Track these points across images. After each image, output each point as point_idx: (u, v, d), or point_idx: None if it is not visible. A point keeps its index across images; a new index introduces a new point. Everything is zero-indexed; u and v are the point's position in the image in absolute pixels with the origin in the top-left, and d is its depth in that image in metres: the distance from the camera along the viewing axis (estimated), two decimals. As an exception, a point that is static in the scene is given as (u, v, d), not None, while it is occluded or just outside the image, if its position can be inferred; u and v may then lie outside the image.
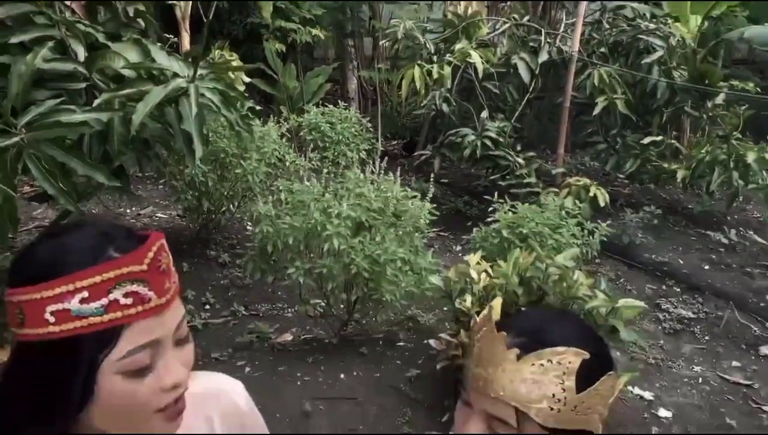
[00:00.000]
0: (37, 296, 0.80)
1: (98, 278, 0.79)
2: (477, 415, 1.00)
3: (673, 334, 3.72)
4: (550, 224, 3.27)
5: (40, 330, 0.80)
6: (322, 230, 2.79)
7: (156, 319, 0.84)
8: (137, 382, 0.83)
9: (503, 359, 0.95)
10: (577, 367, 0.97)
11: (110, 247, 0.83)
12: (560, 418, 0.96)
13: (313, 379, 2.81)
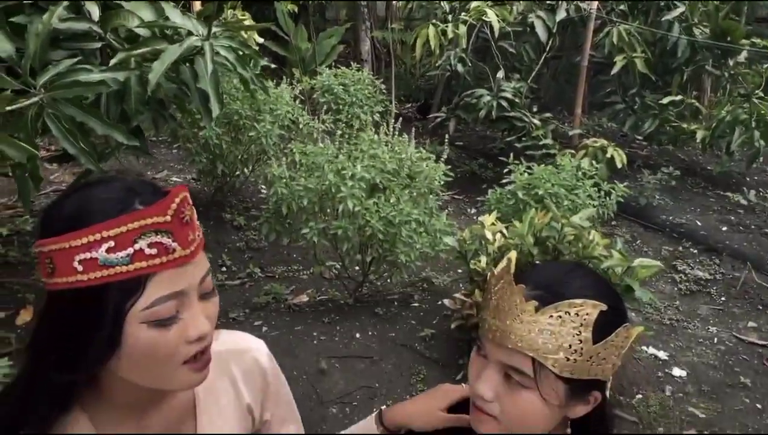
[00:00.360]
0: (65, 246, 0.82)
1: (124, 228, 0.81)
2: (493, 366, 1.01)
3: (689, 295, 3.71)
4: (566, 185, 3.24)
5: (69, 278, 0.82)
6: (336, 192, 2.79)
7: (180, 270, 0.85)
8: (162, 333, 0.84)
9: (521, 311, 0.96)
10: (594, 319, 0.98)
11: (136, 200, 0.84)
12: (576, 368, 0.97)
13: (329, 338, 2.85)
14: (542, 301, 0.97)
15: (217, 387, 1.09)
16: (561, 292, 0.99)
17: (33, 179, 2.02)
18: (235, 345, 1.13)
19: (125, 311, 0.82)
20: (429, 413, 1.22)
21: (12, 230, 3.42)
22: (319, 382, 2.53)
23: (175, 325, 0.86)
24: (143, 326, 0.83)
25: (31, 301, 2.86)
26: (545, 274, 1.03)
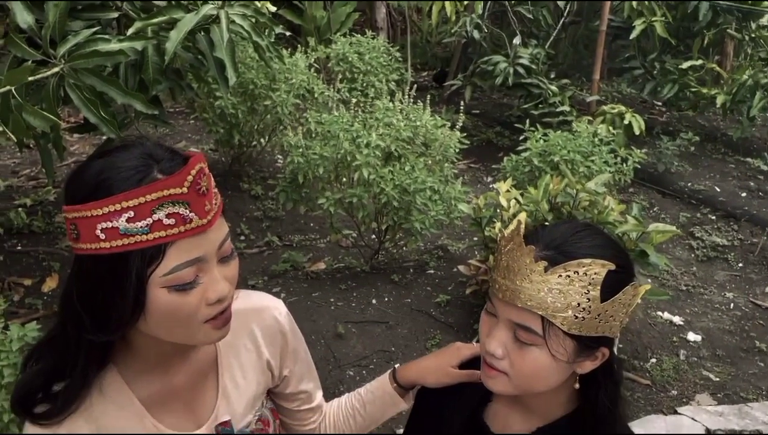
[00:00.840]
0: (88, 214, 0.85)
1: (142, 199, 0.84)
2: (503, 324, 1.04)
3: (706, 261, 3.70)
4: (582, 152, 3.23)
5: (93, 245, 0.86)
6: (351, 160, 2.81)
7: (198, 238, 0.88)
8: (183, 296, 0.88)
9: (531, 271, 0.99)
10: (602, 278, 1.00)
11: (155, 168, 0.87)
12: (584, 325, 0.99)
13: (346, 304, 2.90)
14: (551, 262, 0.99)
15: (238, 344, 1.14)
16: (570, 251, 1.01)
17: (56, 148, 2.07)
18: (255, 304, 1.17)
19: (147, 277, 0.86)
20: (441, 370, 1.26)
21: (36, 200, 3.50)
22: (337, 346, 2.59)
23: (195, 289, 0.89)
24: (164, 291, 0.87)
25: (56, 269, 2.94)
26: (555, 235, 1.05)
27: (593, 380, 1.09)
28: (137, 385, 1.00)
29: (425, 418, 1.28)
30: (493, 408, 1.18)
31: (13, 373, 1.58)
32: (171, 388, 1.05)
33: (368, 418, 1.33)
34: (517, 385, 1.06)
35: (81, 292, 0.90)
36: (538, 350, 1.02)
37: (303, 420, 1.34)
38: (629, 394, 2.53)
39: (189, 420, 1.07)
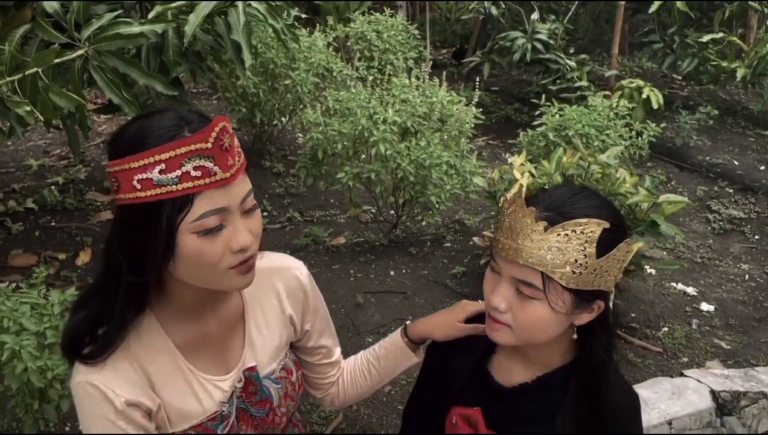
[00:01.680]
0: (126, 167, 0.98)
1: (172, 153, 0.95)
2: (505, 280, 1.12)
3: (722, 234, 3.72)
4: (597, 126, 3.26)
5: (130, 195, 0.98)
6: (369, 136, 2.89)
7: (223, 190, 0.99)
8: (209, 242, 0.99)
9: (532, 231, 1.07)
10: (598, 236, 1.07)
11: (185, 128, 0.98)
12: (580, 280, 1.08)
13: (365, 275, 3.00)
14: (551, 222, 1.07)
15: (263, 299, 1.25)
16: (568, 212, 1.09)
17: (82, 128, 2.18)
18: (279, 263, 1.29)
19: (177, 224, 0.97)
20: (448, 324, 1.35)
21: (67, 179, 3.65)
22: (356, 315, 2.70)
23: (219, 237, 1.00)
24: (193, 236, 0.98)
25: (89, 244, 3.08)
26: (554, 197, 1.12)
27: (589, 331, 1.18)
28: (172, 331, 1.12)
29: (434, 371, 1.38)
30: (496, 359, 1.28)
31: (55, 334, 1.71)
32: (203, 335, 1.16)
33: (382, 372, 1.43)
34: (520, 336, 1.15)
35: (120, 238, 1.02)
36: (539, 303, 1.10)
37: (323, 374, 1.45)
38: (640, 361, 2.60)
39: (219, 366, 1.19)
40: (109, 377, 1.05)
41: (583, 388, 1.17)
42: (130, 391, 1.07)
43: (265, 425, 1.24)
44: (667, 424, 2.14)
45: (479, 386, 1.28)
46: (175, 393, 1.13)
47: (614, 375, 1.19)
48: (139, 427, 1.08)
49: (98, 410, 1.05)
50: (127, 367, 1.07)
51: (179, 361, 1.13)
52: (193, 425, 1.15)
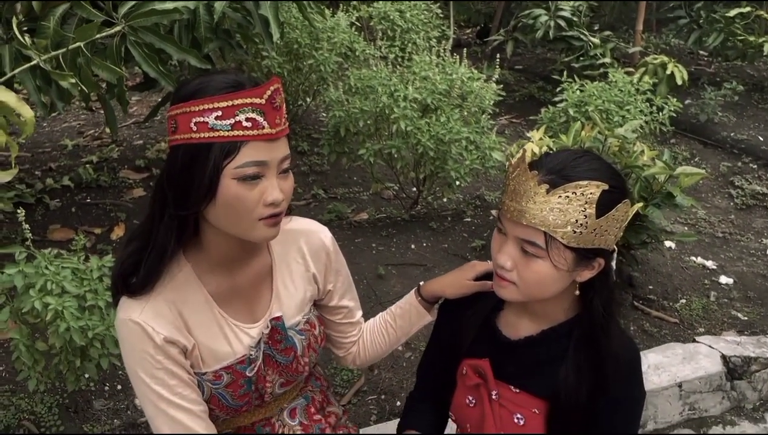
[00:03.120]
0: (186, 110, 1.10)
1: (229, 102, 1.07)
2: (511, 241, 1.20)
3: (744, 209, 3.72)
4: (617, 101, 3.28)
5: (186, 136, 1.10)
6: (389, 113, 2.96)
7: (266, 144, 1.11)
8: (246, 189, 1.11)
9: (535, 193, 1.14)
10: (598, 197, 1.14)
11: (244, 84, 1.10)
12: (581, 239, 1.15)
13: (387, 248, 3.09)
14: (552, 184, 1.13)
15: (290, 257, 1.36)
16: (569, 175, 1.15)
17: (120, 102, 2.29)
18: (306, 227, 1.40)
19: (222, 167, 1.08)
20: (458, 283, 1.43)
21: (101, 158, 3.79)
22: (378, 286, 2.79)
23: (256, 187, 1.11)
24: (233, 181, 1.10)
25: (122, 219, 3.21)
26: (556, 161, 1.19)
27: (591, 287, 1.25)
28: (207, 282, 1.24)
29: (446, 328, 1.46)
30: (504, 315, 1.35)
31: (94, 297, 1.83)
32: (234, 287, 1.28)
33: (399, 330, 1.52)
34: (525, 292, 1.22)
35: (169, 175, 1.14)
36: (542, 261, 1.17)
37: (344, 333, 1.55)
38: (656, 331, 2.64)
39: (248, 315, 1.30)
40: (149, 316, 1.17)
41: (584, 341, 1.24)
42: (168, 330, 1.19)
43: (289, 372, 1.35)
44: (677, 386, 2.20)
45: (488, 340, 1.36)
46: (209, 336, 1.24)
47: (615, 328, 1.26)
48: (176, 363, 1.20)
49: (139, 345, 1.17)
50: (165, 309, 1.19)
51: (213, 308, 1.25)
52: (223, 366, 1.26)
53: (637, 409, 1.29)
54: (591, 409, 1.23)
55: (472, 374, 1.34)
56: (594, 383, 1.23)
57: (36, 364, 1.85)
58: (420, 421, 1.48)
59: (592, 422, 1.25)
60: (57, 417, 2.02)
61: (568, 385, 1.23)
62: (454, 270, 1.47)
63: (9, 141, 1.93)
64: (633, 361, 1.27)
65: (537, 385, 1.28)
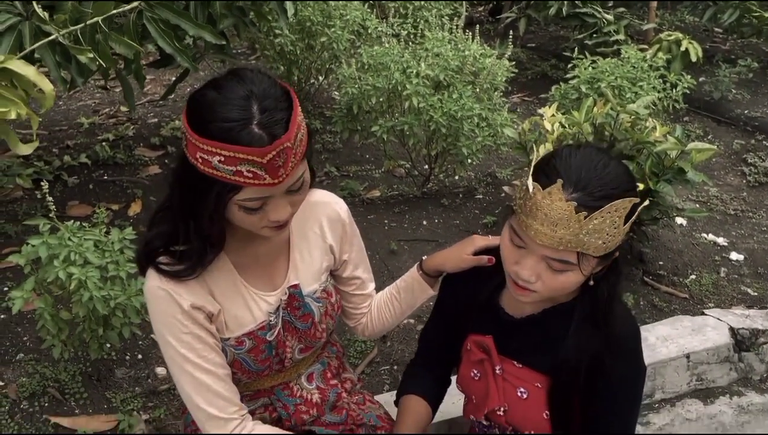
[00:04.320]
0: (192, 140, 1.11)
1: (231, 154, 1.07)
2: (535, 257, 1.17)
3: (757, 187, 3.72)
4: (630, 77, 3.28)
5: (192, 161, 1.12)
6: (402, 90, 2.98)
7: (270, 188, 1.12)
8: (249, 216, 1.16)
9: (570, 219, 1.10)
10: (629, 210, 1.14)
11: (253, 122, 1.07)
12: (609, 247, 1.15)
13: (399, 225, 3.12)
14: (587, 208, 1.10)
15: (307, 228, 1.41)
16: (600, 194, 1.11)
17: (137, 78, 2.32)
18: (323, 198, 1.45)
19: (226, 199, 1.12)
20: (458, 257, 1.46)
21: (117, 136, 3.84)
22: (390, 261, 2.83)
23: (259, 213, 1.16)
24: (236, 207, 1.14)
25: (139, 196, 3.26)
26: (579, 174, 1.13)
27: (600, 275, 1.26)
28: (229, 252, 1.30)
29: (449, 301, 1.50)
30: (507, 293, 1.38)
31: (116, 268, 1.88)
32: (254, 257, 1.33)
33: (404, 304, 1.57)
34: (546, 296, 1.23)
35: (180, 181, 1.18)
36: (571, 273, 1.17)
37: (356, 304, 1.60)
38: (666, 306, 2.67)
39: (267, 283, 1.36)
40: (176, 284, 1.22)
41: (586, 320, 1.26)
42: (194, 296, 1.24)
43: (307, 338, 1.40)
44: (685, 357, 2.23)
45: (491, 317, 1.39)
46: (231, 303, 1.30)
47: (618, 307, 1.28)
48: (202, 327, 1.25)
49: (167, 310, 1.23)
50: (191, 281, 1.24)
51: (235, 277, 1.30)
52: (245, 332, 1.32)
53: (637, 384, 1.32)
54: (592, 384, 1.27)
55: (476, 350, 1.38)
56: (594, 360, 1.25)
57: (60, 333, 1.91)
58: (419, 387, 1.52)
59: (593, 396, 1.28)
60: (80, 384, 2.09)
61: (569, 362, 1.26)
62: (455, 244, 1.50)
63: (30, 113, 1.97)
64: (633, 338, 1.30)
65: (539, 361, 1.31)
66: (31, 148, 2.05)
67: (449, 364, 1.53)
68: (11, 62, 1.75)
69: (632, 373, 1.29)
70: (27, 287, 1.84)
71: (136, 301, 1.87)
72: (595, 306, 1.25)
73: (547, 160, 1.17)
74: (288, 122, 1.09)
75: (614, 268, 1.25)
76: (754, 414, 2.21)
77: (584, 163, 1.15)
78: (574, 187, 1.11)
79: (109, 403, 2.06)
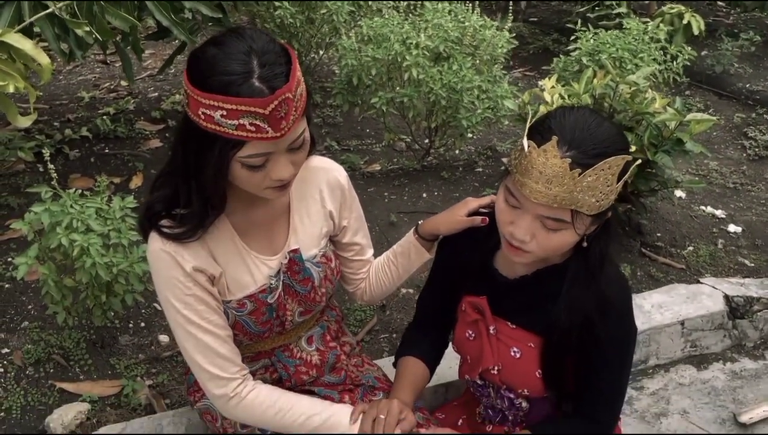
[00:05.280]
0: (193, 96, 1.11)
1: (233, 106, 1.07)
2: (530, 216, 1.19)
3: (757, 160, 3.72)
4: (631, 49, 3.26)
5: (194, 118, 1.13)
6: (402, 61, 2.97)
7: (272, 142, 1.13)
8: (252, 173, 1.17)
9: (564, 176, 1.12)
10: (621, 168, 1.16)
11: (254, 76, 1.08)
12: (602, 205, 1.17)
13: (399, 197, 3.14)
14: (581, 165, 1.12)
15: (308, 194, 1.44)
16: (594, 152, 1.13)
17: (135, 51, 2.33)
18: (323, 165, 1.47)
19: (229, 156, 1.13)
20: (452, 219, 1.48)
21: (117, 109, 3.84)
22: (390, 232, 2.86)
23: (261, 171, 1.17)
24: (239, 165, 1.15)
25: (140, 169, 3.28)
26: (573, 133, 1.14)
27: (592, 235, 1.28)
28: (230, 215, 1.32)
29: (445, 264, 1.52)
30: (501, 255, 1.40)
31: (118, 235, 1.90)
32: (255, 221, 1.36)
33: (400, 268, 1.59)
34: (541, 256, 1.25)
35: (184, 142, 1.19)
36: (565, 231, 1.19)
37: (355, 269, 1.62)
38: (662, 276, 2.69)
39: (267, 247, 1.38)
40: (179, 247, 1.25)
41: (578, 281, 1.28)
42: (196, 259, 1.26)
43: (307, 301, 1.43)
44: (679, 324, 2.26)
45: (485, 279, 1.41)
46: (233, 266, 1.32)
47: (609, 268, 1.30)
48: (204, 289, 1.28)
49: (170, 272, 1.25)
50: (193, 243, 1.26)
51: (236, 241, 1.33)
52: (246, 295, 1.35)
53: (627, 344, 1.35)
54: (583, 345, 1.29)
55: (471, 311, 1.40)
56: (586, 320, 1.28)
57: (64, 299, 1.94)
58: (417, 349, 1.55)
59: (584, 356, 1.31)
60: (84, 351, 2.13)
61: (561, 323, 1.28)
62: (450, 207, 1.52)
63: (28, 87, 1.98)
64: (624, 300, 1.32)
65: (532, 321, 1.34)
66: (29, 120, 2.06)
67: (446, 327, 1.56)
68: (9, 36, 1.76)
69: (622, 333, 1.32)
70: (31, 254, 1.86)
71: (139, 268, 1.90)
72: (587, 266, 1.27)
73: (542, 121, 1.19)
74: (288, 75, 1.10)
75: (606, 229, 1.27)
76: (747, 379, 2.24)
77: (578, 122, 1.16)
78: (568, 146, 1.13)
79: (113, 370, 2.09)
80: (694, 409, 2.13)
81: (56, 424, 1.84)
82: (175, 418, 1.84)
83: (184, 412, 1.86)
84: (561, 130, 1.15)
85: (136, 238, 1.91)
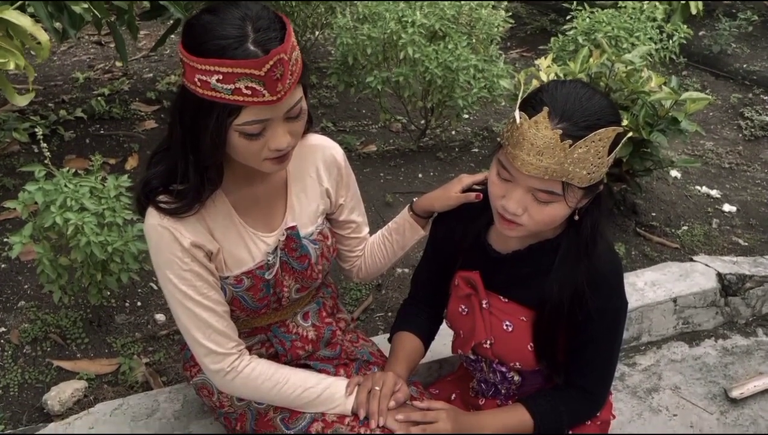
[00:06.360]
0: (190, 63, 1.11)
1: (229, 69, 1.07)
2: (521, 189, 1.19)
3: (753, 140, 3.72)
4: (627, 28, 3.25)
5: (191, 86, 1.13)
6: (397, 39, 2.96)
7: (268, 107, 1.12)
8: (249, 142, 1.16)
9: (555, 148, 1.12)
10: (612, 140, 1.16)
11: (249, 40, 1.08)
12: (594, 177, 1.18)
13: (394, 177, 3.14)
14: (575, 138, 1.12)
15: (304, 172, 1.44)
16: (585, 124, 1.13)
17: (130, 29, 2.31)
18: (320, 143, 1.47)
19: (226, 123, 1.12)
20: (446, 195, 1.49)
21: (112, 90, 3.82)
22: (385, 212, 2.86)
23: (259, 140, 1.16)
24: (236, 134, 1.14)
25: (135, 150, 3.27)
26: (565, 105, 1.15)
27: (584, 209, 1.28)
28: (228, 192, 1.33)
29: (440, 240, 1.53)
30: (494, 230, 1.41)
31: (112, 215, 1.90)
32: (253, 198, 1.36)
33: (395, 244, 1.60)
34: (533, 229, 1.26)
35: (181, 113, 1.18)
36: (556, 204, 1.19)
37: (351, 247, 1.63)
38: (657, 255, 2.71)
39: (265, 224, 1.39)
40: (177, 222, 1.25)
41: (570, 256, 1.29)
42: (194, 235, 1.27)
43: (304, 278, 1.44)
44: (672, 301, 2.28)
45: (479, 254, 1.42)
46: (230, 242, 1.33)
47: (602, 244, 1.31)
48: (201, 265, 1.29)
49: (168, 248, 1.26)
50: (191, 216, 1.26)
51: (233, 217, 1.33)
52: (244, 271, 1.35)
53: (618, 318, 1.36)
54: (574, 318, 1.30)
55: (464, 285, 1.41)
56: (577, 293, 1.29)
57: (59, 278, 1.94)
58: (411, 324, 1.57)
59: (576, 329, 1.32)
60: (81, 330, 2.14)
61: (553, 296, 1.29)
62: (444, 184, 1.53)
63: (27, 64, 1.97)
64: (615, 274, 1.33)
65: (524, 295, 1.35)
66: (27, 99, 2.06)
67: (441, 303, 1.57)
68: (7, 12, 1.75)
69: (613, 307, 1.33)
70: (25, 233, 1.86)
71: (134, 246, 1.90)
72: (579, 241, 1.28)
73: (534, 93, 1.20)
74: (282, 39, 1.10)
75: (597, 203, 1.28)
76: (738, 356, 2.27)
77: (570, 95, 1.17)
78: (560, 118, 1.13)
79: (110, 348, 2.11)
80: (686, 385, 2.15)
81: (54, 402, 1.85)
82: (171, 394, 1.86)
83: (180, 388, 1.88)
84: (552, 101, 1.15)
85: (131, 216, 1.91)
